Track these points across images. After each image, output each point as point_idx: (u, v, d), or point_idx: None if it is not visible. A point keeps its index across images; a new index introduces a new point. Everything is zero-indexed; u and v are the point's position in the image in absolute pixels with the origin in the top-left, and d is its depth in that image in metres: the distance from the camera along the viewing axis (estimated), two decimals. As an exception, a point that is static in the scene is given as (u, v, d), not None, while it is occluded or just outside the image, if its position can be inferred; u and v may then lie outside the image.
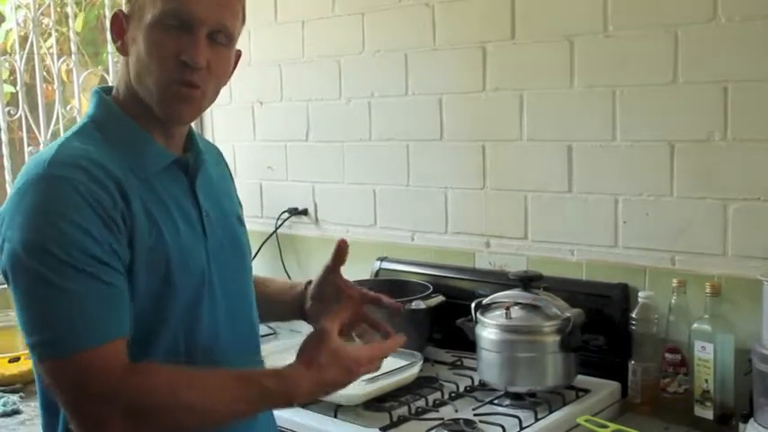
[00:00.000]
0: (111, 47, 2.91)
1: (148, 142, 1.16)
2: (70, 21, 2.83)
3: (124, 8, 1.17)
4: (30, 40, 2.75)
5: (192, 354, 1.15)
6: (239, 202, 1.40)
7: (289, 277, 2.54)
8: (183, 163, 1.20)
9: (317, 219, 2.54)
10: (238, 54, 1.24)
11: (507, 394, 1.79)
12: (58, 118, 2.74)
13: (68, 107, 2.86)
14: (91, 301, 1.02)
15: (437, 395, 1.82)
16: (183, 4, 1.10)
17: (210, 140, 1.52)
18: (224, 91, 2.87)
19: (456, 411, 1.74)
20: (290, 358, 1.17)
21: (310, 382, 1.13)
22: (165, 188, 1.16)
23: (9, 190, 1.49)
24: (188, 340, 1.15)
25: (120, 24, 1.17)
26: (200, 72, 1.12)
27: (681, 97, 1.79)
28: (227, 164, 1.43)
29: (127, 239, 1.07)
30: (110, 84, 2.83)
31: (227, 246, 1.24)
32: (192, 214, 1.19)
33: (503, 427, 1.62)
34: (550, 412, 1.71)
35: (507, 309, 1.80)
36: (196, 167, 1.22)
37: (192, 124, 1.30)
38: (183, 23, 1.11)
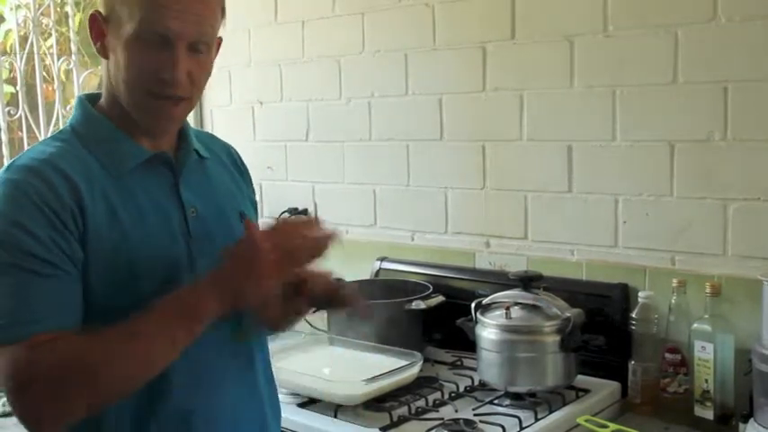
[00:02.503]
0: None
1: (123, 141, 1.17)
2: (70, 21, 2.84)
3: (101, 9, 1.16)
4: (30, 40, 2.75)
5: None
6: (252, 202, 1.39)
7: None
8: (165, 159, 1.20)
9: (316, 219, 2.54)
10: (219, 41, 1.24)
11: (507, 394, 1.79)
12: (57, 118, 2.74)
13: (68, 107, 2.86)
14: (28, 294, 1.05)
15: (437, 395, 1.82)
16: (161, 19, 1.10)
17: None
18: (224, 91, 2.88)
19: (456, 411, 1.74)
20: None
21: (212, 276, 1.09)
22: (140, 186, 1.16)
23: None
24: None
25: (98, 26, 1.17)
26: (182, 84, 1.13)
27: (681, 97, 1.79)
28: (241, 162, 1.41)
29: (79, 239, 1.09)
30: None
31: (219, 242, 1.21)
32: (172, 211, 1.19)
33: (503, 427, 1.62)
34: (550, 412, 1.71)
35: (507, 309, 1.80)
36: (182, 163, 1.22)
37: (192, 123, 1.30)
38: (162, 39, 1.11)
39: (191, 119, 1.35)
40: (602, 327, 1.87)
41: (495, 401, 1.78)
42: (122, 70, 1.13)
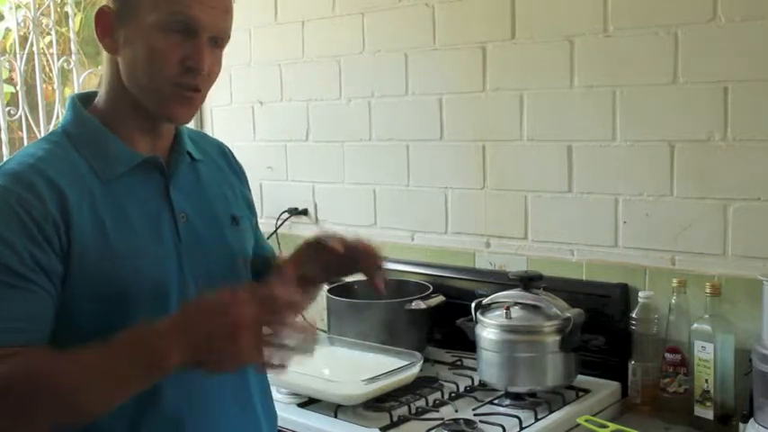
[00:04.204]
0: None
1: (115, 144, 1.16)
2: (70, 21, 2.84)
3: (111, 4, 1.14)
4: (30, 39, 2.75)
5: None
6: (247, 201, 1.37)
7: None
8: (156, 163, 1.19)
9: (317, 219, 2.54)
10: None
11: (507, 394, 1.79)
12: (57, 118, 2.74)
13: (68, 107, 2.85)
14: None
15: (437, 395, 1.82)
16: (188, 10, 1.10)
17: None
18: (224, 91, 2.88)
19: (456, 411, 1.74)
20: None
21: (175, 320, 1.02)
22: (130, 190, 1.15)
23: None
24: None
25: (106, 21, 1.15)
26: (201, 76, 1.14)
27: (681, 97, 1.79)
28: (235, 161, 1.39)
29: (60, 250, 1.07)
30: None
31: (210, 248, 1.22)
32: (162, 217, 1.17)
33: (503, 427, 1.62)
34: (550, 412, 1.71)
35: (507, 309, 1.80)
36: (174, 167, 1.21)
37: (192, 124, 1.29)
38: (188, 29, 1.11)
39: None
40: (602, 327, 1.86)
41: (495, 401, 1.78)
42: (141, 61, 1.12)
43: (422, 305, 2.03)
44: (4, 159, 2.63)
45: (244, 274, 1.30)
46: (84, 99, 1.21)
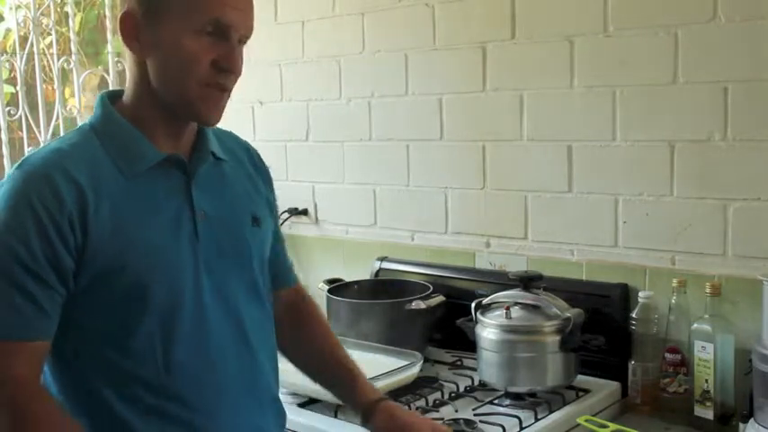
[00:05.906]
0: (110, 47, 2.91)
1: (140, 142, 1.17)
2: (70, 21, 2.84)
3: (136, 7, 1.13)
4: (30, 40, 2.75)
5: (170, 352, 1.15)
6: (269, 202, 1.38)
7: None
8: (178, 161, 1.20)
9: (317, 219, 2.54)
10: None
11: (507, 394, 1.79)
12: (57, 118, 2.74)
13: (68, 107, 2.86)
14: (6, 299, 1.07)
15: (437, 395, 1.82)
16: (223, 14, 1.12)
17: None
18: (224, 91, 2.80)
19: (456, 411, 1.74)
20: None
21: None
22: (152, 188, 1.16)
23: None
24: (165, 343, 1.15)
25: (131, 24, 1.14)
26: (232, 76, 1.18)
27: (681, 97, 1.79)
28: (260, 161, 1.41)
29: (75, 247, 1.09)
30: (109, 83, 2.84)
31: (227, 247, 1.23)
32: (182, 214, 1.18)
33: (503, 427, 1.62)
34: (550, 412, 1.71)
35: (507, 309, 1.80)
36: (195, 165, 1.22)
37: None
38: (220, 31, 1.14)
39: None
40: (602, 327, 1.87)
41: (495, 401, 1.78)
42: (173, 63, 1.13)
43: (422, 305, 2.03)
44: (5, 159, 2.65)
45: (259, 274, 1.30)
46: (112, 97, 1.23)
